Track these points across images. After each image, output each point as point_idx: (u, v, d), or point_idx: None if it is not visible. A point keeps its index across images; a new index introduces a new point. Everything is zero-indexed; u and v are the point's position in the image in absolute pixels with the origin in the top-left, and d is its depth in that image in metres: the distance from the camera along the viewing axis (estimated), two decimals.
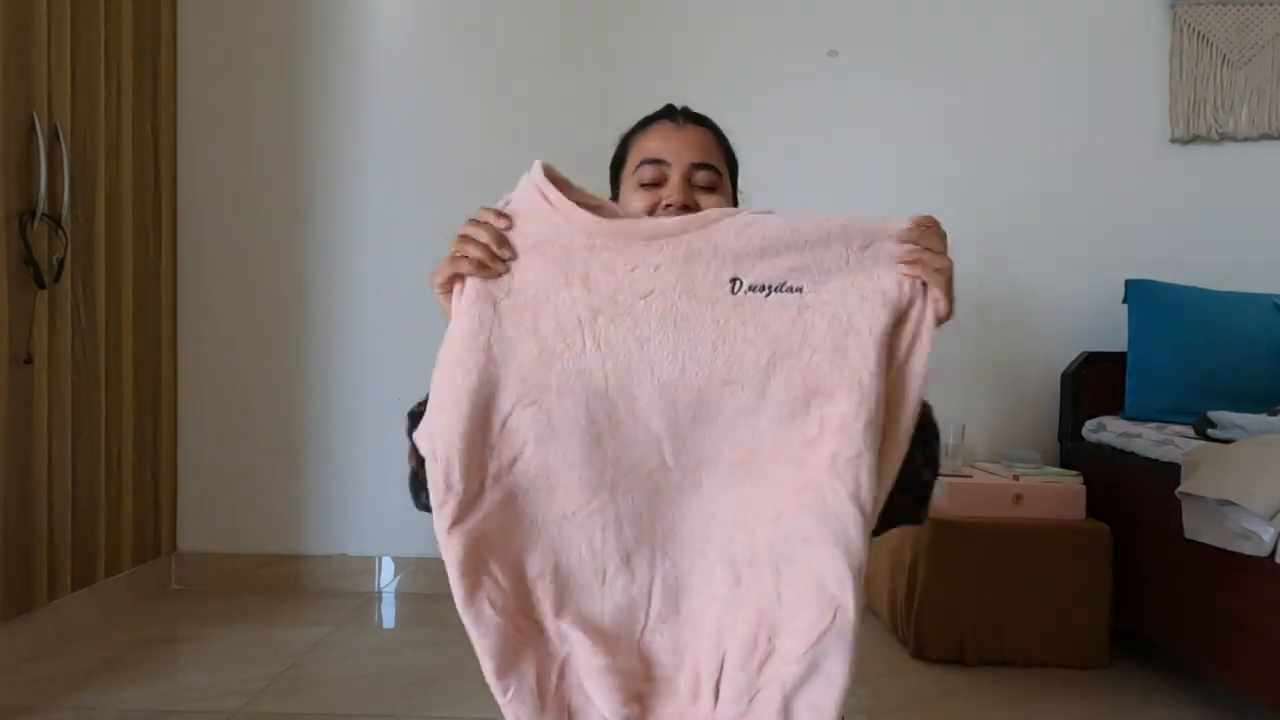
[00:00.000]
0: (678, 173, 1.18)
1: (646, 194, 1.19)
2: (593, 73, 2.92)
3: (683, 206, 1.16)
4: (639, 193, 1.20)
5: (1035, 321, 2.90)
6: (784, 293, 0.97)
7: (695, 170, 1.19)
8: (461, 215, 1.10)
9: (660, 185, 1.19)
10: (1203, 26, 2.86)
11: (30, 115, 2.28)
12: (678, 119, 1.24)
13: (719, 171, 1.21)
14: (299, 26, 2.97)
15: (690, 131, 1.22)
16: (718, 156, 1.22)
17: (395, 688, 2.13)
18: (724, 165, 1.23)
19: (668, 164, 1.19)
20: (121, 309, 2.70)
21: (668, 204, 1.16)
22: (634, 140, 1.25)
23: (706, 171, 1.19)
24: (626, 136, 1.28)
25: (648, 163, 1.20)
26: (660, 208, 1.17)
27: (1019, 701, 2.15)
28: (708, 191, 1.19)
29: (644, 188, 1.20)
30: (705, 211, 1.06)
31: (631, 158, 1.24)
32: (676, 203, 1.16)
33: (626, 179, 1.23)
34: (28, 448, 2.31)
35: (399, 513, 2.95)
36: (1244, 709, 2.10)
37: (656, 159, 1.19)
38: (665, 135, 1.21)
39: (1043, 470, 2.53)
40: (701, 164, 1.19)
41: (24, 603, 2.30)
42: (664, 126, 1.23)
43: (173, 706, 2.02)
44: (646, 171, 1.20)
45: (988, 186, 2.91)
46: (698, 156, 1.19)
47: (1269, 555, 1.74)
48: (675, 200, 1.16)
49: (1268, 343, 2.56)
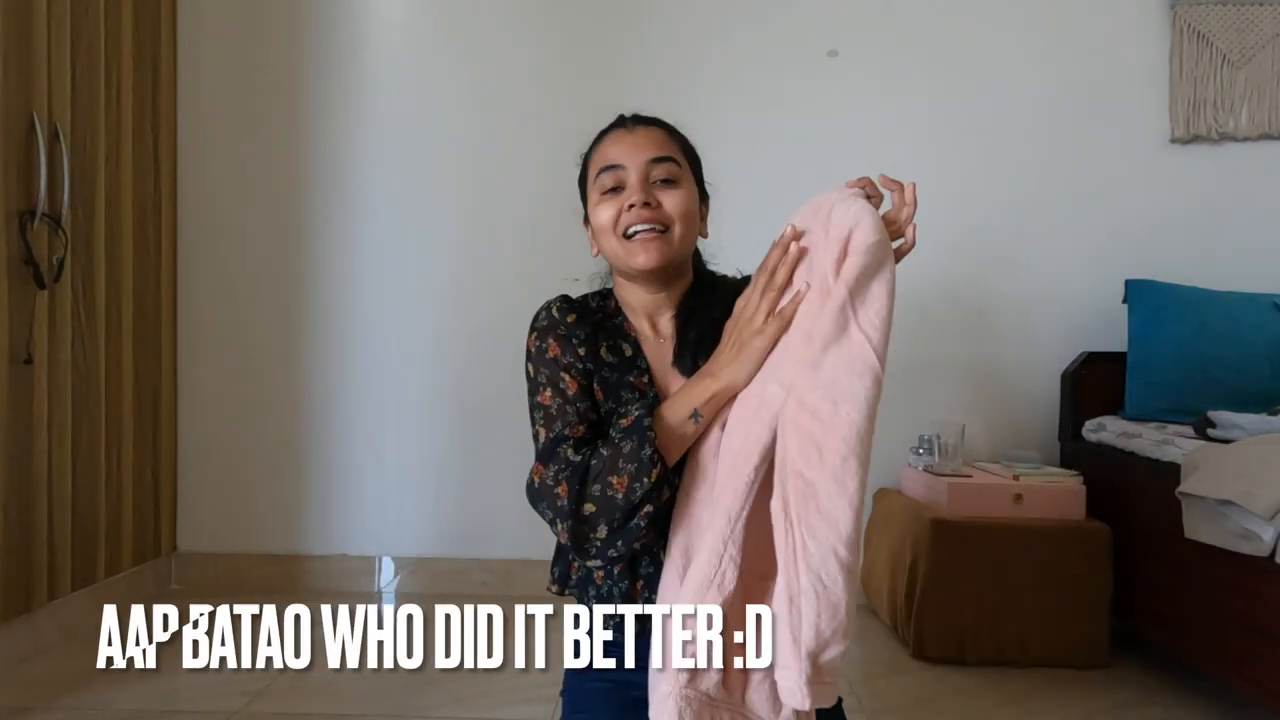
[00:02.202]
0: (635, 173, 1.19)
1: (610, 202, 1.19)
2: (592, 73, 2.91)
3: (644, 204, 1.17)
4: (603, 202, 1.20)
5: (1035, 321, 2.90)
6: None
7: (652, 165, 1.19)
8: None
9: (621, 189, 1.19)
10: (1203, 26, 2.86)
11: (30, 115, 2.28)
12: (628, 124, 1.24)
13: (677, 162, 1.21)
14: (299, 26, 2.97)
15: (641, 132, 1.22)
16: (674, 149, 1.22)
17: (395, 688, 2.14)
18: (682, 157, 1.23)
19: (623, 167, 1.19)
20: (121, 309, 2.70)
21: (630, 205, 1.18)
22: (591, 154, 1.26)
23: (664, 164, 1.20)
24: (586, 153, 1.28)
25: (605, 170, 1.20)
26: (624, 210, 1.18)
27: (1019, 701, 2.15)
28: (669, 185, 1.19)
29: (606, 195, 1.20)
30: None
31: (591, 169, 1.24)
32: (638, 202, 1.17)
33: (591, 191, 1.24)
34: (28, 448, 2.31)
35: (399, 513, 2.96)
36: (1244, 709, 2.10)
37: (613, 165, 1.20)
38: (618, 140, 1.22)
39: (1043, 470, 2.53)
40: (658, 158, 1.19)
41: (24, 603, 2.30)
42: (617, 133, 1.23)
43: (173, 706, 2.03)
44: (606, 179, 1.20)
45: (988, 186, 2.91)
46: (653, 152, 1.20)
47: (1269, 555, 1.74)
48: (637, 200, 1.17)
49: (1268, 343, 2.56)
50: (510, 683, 2.08)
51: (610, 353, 1.22)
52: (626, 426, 1.10)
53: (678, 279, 1.25)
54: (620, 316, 1.27)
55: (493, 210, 2.93)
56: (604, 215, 1.20)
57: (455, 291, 2.96)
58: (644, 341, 1.25)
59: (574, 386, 1.17)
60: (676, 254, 1.20)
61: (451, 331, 2.96)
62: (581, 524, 1.08)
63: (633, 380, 1.20)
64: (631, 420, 1.10)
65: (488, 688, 2.12)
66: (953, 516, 2.37)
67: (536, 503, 1.12)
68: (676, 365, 1.22)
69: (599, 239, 1.23)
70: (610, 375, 1.20)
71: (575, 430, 1.14)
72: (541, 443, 1.16)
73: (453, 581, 2.89)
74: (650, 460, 1.07)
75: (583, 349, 1.19)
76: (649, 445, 1.07)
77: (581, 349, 1.19)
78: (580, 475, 1.08)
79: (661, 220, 1.18)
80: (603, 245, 1.23)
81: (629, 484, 1.07)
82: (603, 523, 1.08)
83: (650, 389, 1.20)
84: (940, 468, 2.55)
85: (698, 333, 1.21)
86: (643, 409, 1.11)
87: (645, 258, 1.18)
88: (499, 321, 2.82)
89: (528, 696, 2.04)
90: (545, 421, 1.16)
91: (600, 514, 1.08)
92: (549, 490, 1.10)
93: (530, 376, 1.20)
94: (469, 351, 2.94)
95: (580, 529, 1.08)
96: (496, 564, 2.89)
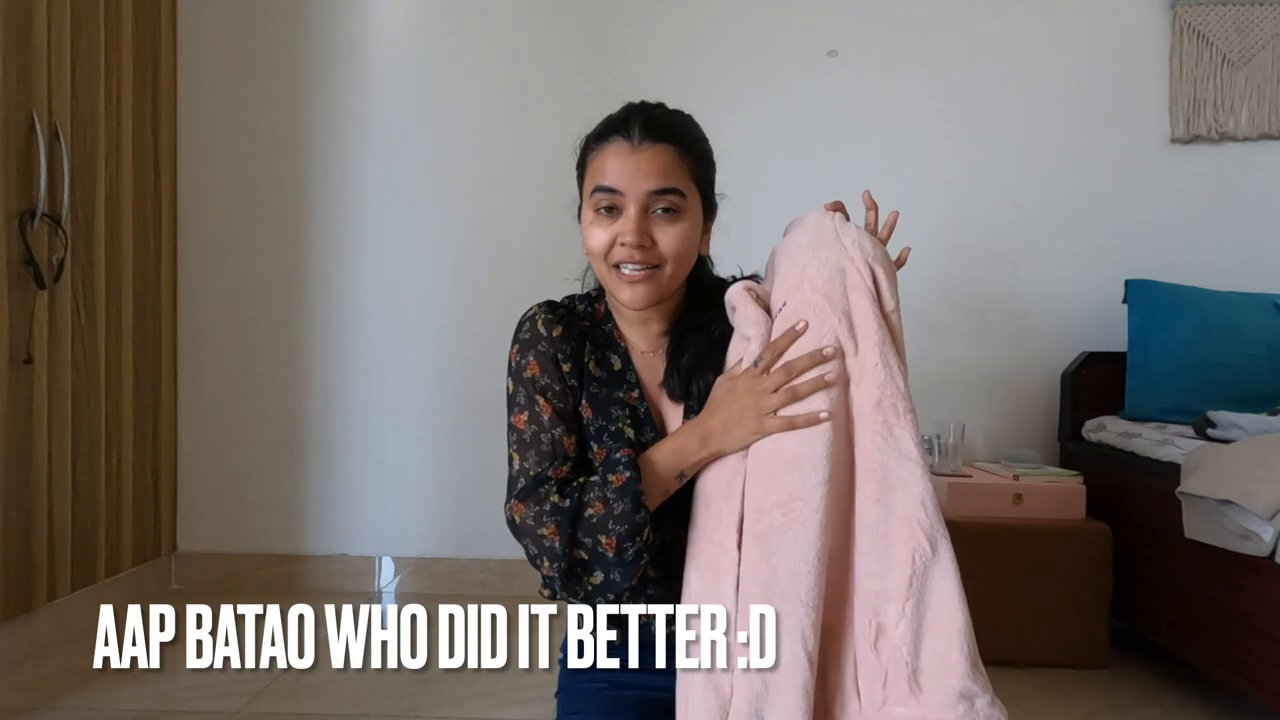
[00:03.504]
0: (634, 204, 1.12)
1: (604, 226, 1.13)
2: (594, 70, 2.91)
3: (638, 245, 1.11)
4: (597, 222, 1.14)
5: (1035, 321, 2.90)
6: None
7: (653, 198, 1.12)
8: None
9: (617, 212, 1.13)
10: (1203, 26, 2.86)
11: (30, 115, 2.28)
12: (634, 137, 1.13)
13: (682, 193, 1.13)
14: (299, 26, 2.97)
15: (646, 154, 1.12)
16: (680, 176, 1.13)
17: (395, 688, 2.14)
18: (690, 183, 1.15)
19: (621, 193, 1.12)
20: (121, 309, 2.70)
21: (623, 243, 1.12)
22: (591, 154, 1.17)
23: (666, 197, 1.12)
24: (586, 143, 1.20)
25: (601, 190, 1.13)
26: (617, 244, 1.12)
27: (1019, 701, 2.15)
28: (670, 218, 1.13)
29: (600, 215, 1.14)
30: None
31: (589, 176, 1.17)
32: (631, 243, 1.11)
33: (585, 203, 1.17)
34: (28, 448, 2.31)
35: (399, 513, 2.96)
36: (1245, 709, 2.10)
37: (610, 187, 1.12)
38: (620, 158, 1.12)
39: (1043, 470, 2.53)
40: (660, 190, 1.12)
41: (24, 603, 2.29)
42: (619, 146, 1.13)
43: (173, 706, 2.03)
44: (601, 199, 1.13)
45: (988, 186, 2.91)
46: (655, 183, 1.11)
47: (1269, 555, 1.75)
48: (630, 240, 1.11)
49: (1268, 343, 2.56)
50: (511, 683, 2.08)
51: (599, 366, 1.19)
52: (618, 487, 1.08)
53: (670, 296, 1.19)
54: (610, 323, 1.23)
55: (494, 210, 2.93)
56: (595, 240, 1.14)
57: (456, 291, 2.95)
58: (634, 353, 1.22)
59: (549, 411, 1.14)
60: (665, 291, 1.15)
61: (452, 331, 2.96)
62: (575, 565, 1.09)
63: (622, 396, 1.18)
64: (623, 481, 1.09)
65: (488, 688, 2.12)
66: (952, 516, 2.36)
67: (520, 537, 1.12)
68: (665, 386, 1.19)
69: (590, 257, 1.18)
70: (599, 391, 1.18)
71: (559, 471, 1.12)
72: (516, 472, 1.14)
73: (453, 581, 2.89)
74: (641, 522, 1.07)
75: (568, 365, 1.16)
76: (643, 510, 1.08)
77: (566, 365, 1.16)
78: (571, 520, 1.08)
79: (652, 260, 1.13)
80: (592, 263, 1.19)
81: (619, 545, 1.07)
82: (598, 569, 1.09)
83: (641, 404, 1.19)
84: (940, 468, 2.55)
85: (691, 358, 1.18)
86: (632, 470, 1.09)
87: (631, 296, 1.14)
88: (500, 321, 2.79)
89: (528, 696, 2.04)
90: (519, 447, 1.15)
91: (594, 563, 1.09)
92: (532, 530, 1.09)
93: (509, 393, 1.18)
94: (470, 351, 2.94)
95: (574, 570, 1.09)
96: (496, 564, 2.89)
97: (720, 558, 1.05)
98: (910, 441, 1.03)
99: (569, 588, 1.10)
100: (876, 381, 1.04)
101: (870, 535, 1.02)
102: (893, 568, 1.00)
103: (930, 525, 1.00)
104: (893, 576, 1.00)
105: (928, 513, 1.01)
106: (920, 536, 1.00)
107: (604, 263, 1.15)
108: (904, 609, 1.00)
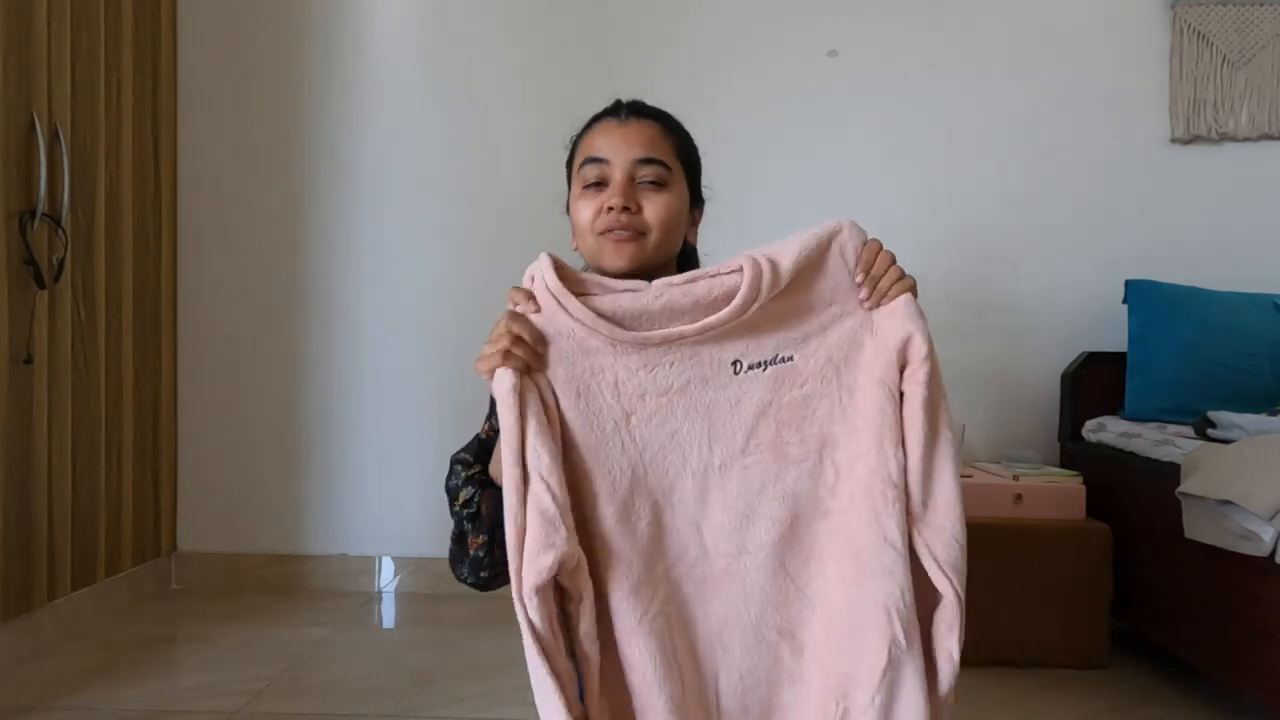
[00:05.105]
0: (620, 171, 1.14)
1: (591, 199, 1.15)
2: (591, 73, 2.91)
3: (623, 208, 1.12)
4: (584, 196, 1.16)
5: (1035, 321, 2.90)
6: (778, 364, 1.06)
7: (639, 166, 1.14)
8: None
9: (604, 184, 1.15)
10: (1203, 26, 2.86)
11: (30, 115, 2.28)
12: (621, 114, 1.18)
13: (667, 166, 1.16)
14: (299, 26, 2.97)
15: (634, 126, 1.17)
16: (665, 150, 1.17)
17: (395, 688, 2.14)
18: (675, 159, 1.18)
19: (609, 162, 1.14)
20: (121, 309, 2.70)
21: (609, 207, 1.13)
22: (581, 139, 1.21)
23: (652, 167, 1.14)
24: (576, 136, 1.23)
25: (590, 162, 1.15)
26: (603, 211, 1.13)
27: (1018, 702, 2.15)
28: (655, 188, 1.14)
29: (588, 190, 1.15)
30: (691, 289, 1.04)
31: (578, 157, 1.19)
32: (617, 205, 1.12)
33: (574, 181, 1.19)
34: (28, 448, 2.31)
35: (399, 513, 2.96)
36: (1245, 709, 2.10)
37: (598, 158, 1.15)
38: (608, 132, 1.17)
39: (1043, 470, 2.53)
40: (646, 159, 1.14)
41: (24, 603, 2.30)
42: (608, 123, 1.18)
43: (173, 706, 2.03)
44: (589, 171, 1.15)
45: (988, 186, 2.91)
46: (641, 152, 1.14)
47: (1269, 555, 1.74)
48: (616, 203, 1.12)
49: (1268, 343, 2.56)
50: (512, 683, 2.08)
51: None
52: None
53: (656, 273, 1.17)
54: None
55: (493, 210, 2.93)
56: (583, 213, 1.15)
57: (456, 291, 2.95)
58: None
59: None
60: (650, 260, 1.15)
61: (452, 331, 2.95)
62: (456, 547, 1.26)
63: None
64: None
65: (488, 688, 2.13)
66: None
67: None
68: None
69: (577, 236, 1.19)
70: None
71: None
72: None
73: (452, 581, 2.85)
74: (452, 488, 1.23)
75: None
76: (454, 477, 1.23)
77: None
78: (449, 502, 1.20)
79: (638, 226, 1.14)
80: (580, 242, 1.19)
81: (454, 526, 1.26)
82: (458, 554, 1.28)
83: None
84: None
85: None
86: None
87: (614, 259, 1.14)
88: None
89: (529, 696, 2.03)
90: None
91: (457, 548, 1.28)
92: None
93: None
94: (470, 352, 2.92)
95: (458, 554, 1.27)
96: None
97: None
98: (896, 530, 1.02)
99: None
100: (869, 466, 1.03)
101: (844, 618, 1.03)
102: (865, 654, 1.01)
103: (908, 619, 1.01)
104: (865, 663, 1.01)
105: (905, 605, 1.01)
106: (898, 628, 1.00)
107: (591, 235, 1.15)
108: (873, 699, 1.00)
